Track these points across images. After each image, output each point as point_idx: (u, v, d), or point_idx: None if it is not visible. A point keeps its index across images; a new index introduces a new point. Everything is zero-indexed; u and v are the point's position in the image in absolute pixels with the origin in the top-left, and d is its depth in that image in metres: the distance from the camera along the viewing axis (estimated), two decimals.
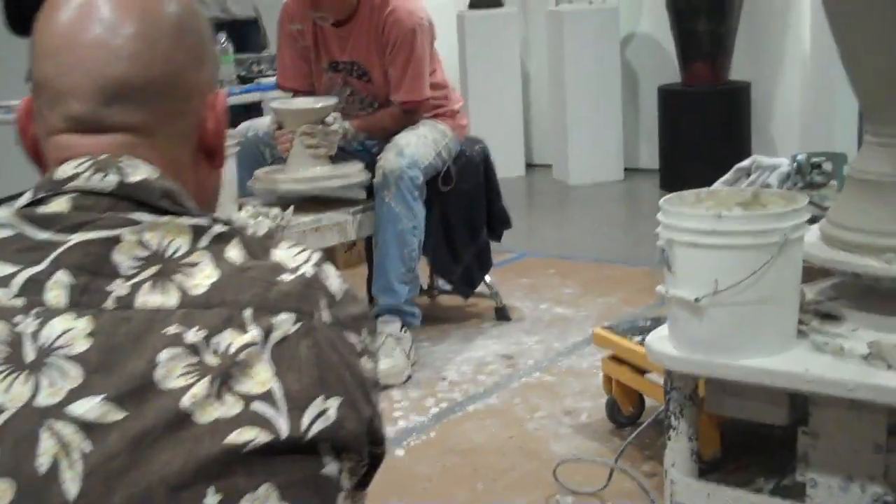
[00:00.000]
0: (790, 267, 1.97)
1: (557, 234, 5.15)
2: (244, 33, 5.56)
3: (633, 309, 3.71)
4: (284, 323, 0.81)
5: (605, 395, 2.79)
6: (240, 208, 3.05)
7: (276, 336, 0.80)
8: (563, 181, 6.15)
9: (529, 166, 6.57)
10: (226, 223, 0.87)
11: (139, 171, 0.86)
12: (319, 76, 3.50)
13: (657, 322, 2.46)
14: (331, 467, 0.80)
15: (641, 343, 2.41)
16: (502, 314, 3.72)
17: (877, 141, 2.14)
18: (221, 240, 0.85)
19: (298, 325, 0.81)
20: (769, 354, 1.97)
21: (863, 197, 2.15)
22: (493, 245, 3.75)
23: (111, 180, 0.85)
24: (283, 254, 0.87)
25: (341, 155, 3.47)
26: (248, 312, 0.80)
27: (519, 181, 6.30)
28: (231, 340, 0.79)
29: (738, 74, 5.76)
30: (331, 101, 3.26)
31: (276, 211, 3.01)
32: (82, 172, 0.85)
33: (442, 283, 3.82)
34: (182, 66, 0.90)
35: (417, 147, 3.28)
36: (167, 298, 0.80)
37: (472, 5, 6.41)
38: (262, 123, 3.51)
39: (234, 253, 0.84)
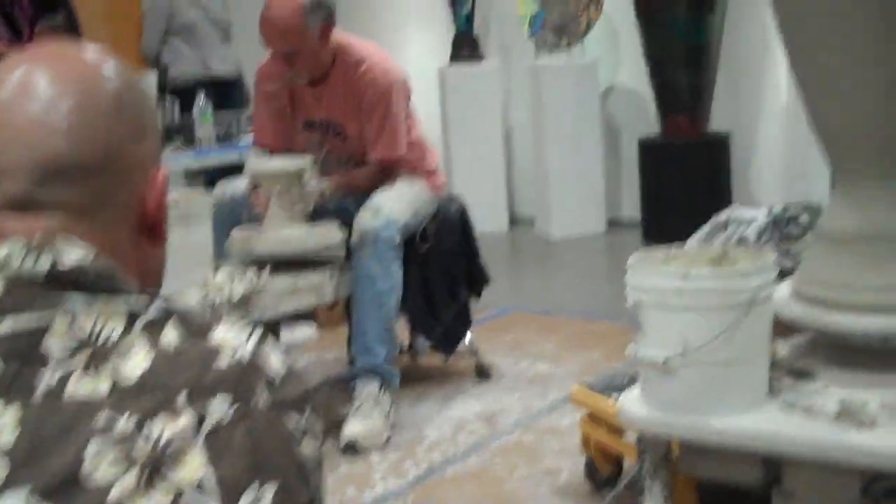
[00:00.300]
0: (759, 325, 1.96)
1: (540, 288, 5.14)
2: (226, 92, 5.61)
3: (615, 364, 3.69)
4: (219, 408, 0.79)
5: (584, 454, 2.76)
6: (216, 270, 3.03)
7: (210, 422, 0.78)
8: (546, 235, 6.16)
9: (512, 220, 6.58)
10: (164, 303, 0.85)
11: (74, 253, 0.84)
12: (296, 135, 3.51)
13: (634, 380, 2.44)
14: None
15: None
16: (483, 372, 3.70)
17: (844, 195, 2.15)
18: (157, 322, 0.83)
19: (234, 409, 0.79)
20: (740, 414, 1.96)
21: (832, 252, 2.15)
22: (475, 301, 3.74)
23: (44, 263, 0.83)
24: (222, 334, 0.85)
25: (318, 215, 3.47)
26: (181, 397, 0.78)
27: (502, 235, 6.31)
28: (163, 427, 0.77)
29: (717, 125, 5.80)
30: (306, 160, 3.27)
31: (251, 273, 3.00)
32: (15, 255, 0.83)
33: (422, 342, 3.80)
34: (121, 141, 0.89)
35: (394, 207, 3.28)
36: (99, 385, 0.78)
37: (454, 60, 6.46)
38: (239, 184, 3.51)
39: (170, 335, 0.82)
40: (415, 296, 3.45)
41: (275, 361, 0.85)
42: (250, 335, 0.85)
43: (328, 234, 3.27)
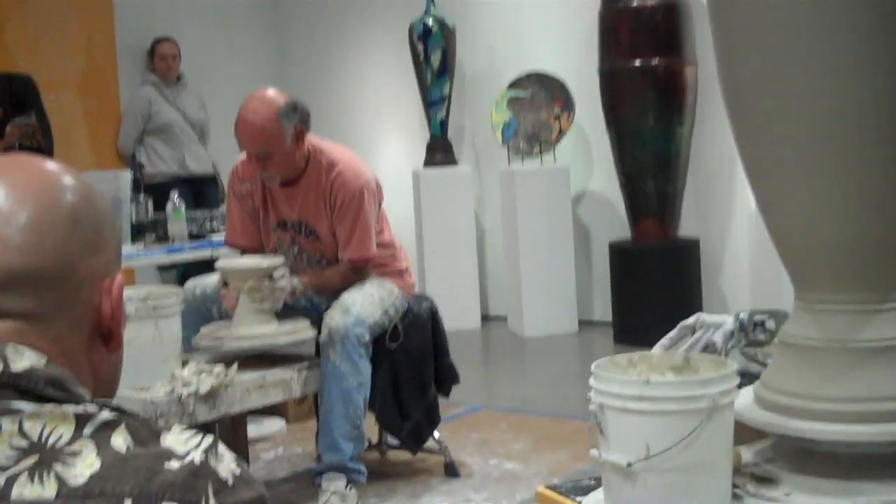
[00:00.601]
0: (721, 432, 1.99)
1: (511, 387, 5.15)
2: (202, 189, 5.68)
3: (583, 465, 3.68)
4: None
5: None
6: (183, 365, 3.04)
7: None
8: (517, 333, 6.19)
9: (485, 318, 6.62)
10: (114, 409, 0.86)
11: (24, 359, 0.85)
12: (268, 234, 3.56)
13: (601, 482, 2.45)
14: None
15: None
16: (451, 470, 3.69)
17: (803, 307, 2.20)
18: (107, 427, 0.83)
19: None
20: None
21: (793, 361, 2.20)
22: (445, 399, 3.75)
23: None
24: (173, 439, 0.86)
25: (288, 311, 3.50)
26: (127, 503, 0.79)
27: (474, 333, 6.33)
28: None
29: (686, 231, 5.90)
30: (277, 259, 3.30)
31: (219, 368, 3.01)
32: None
33: (391, 438, 3.80)
34: (74, 255, 0.90)
35: (364, 305, 3.31)
36: (45, 490, 0.79)
37: (428, 164, 6.56)
38: (209, 281, 3.54)
39: (119, 440, 0.83)
40: (383, 393, 3.46)
41: (224, 467, 0.86)
42: (200, 442, 0.86)
43: (298, 330, 3.29)
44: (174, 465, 0.83)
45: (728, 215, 5.91)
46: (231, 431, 3.63)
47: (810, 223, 2.10)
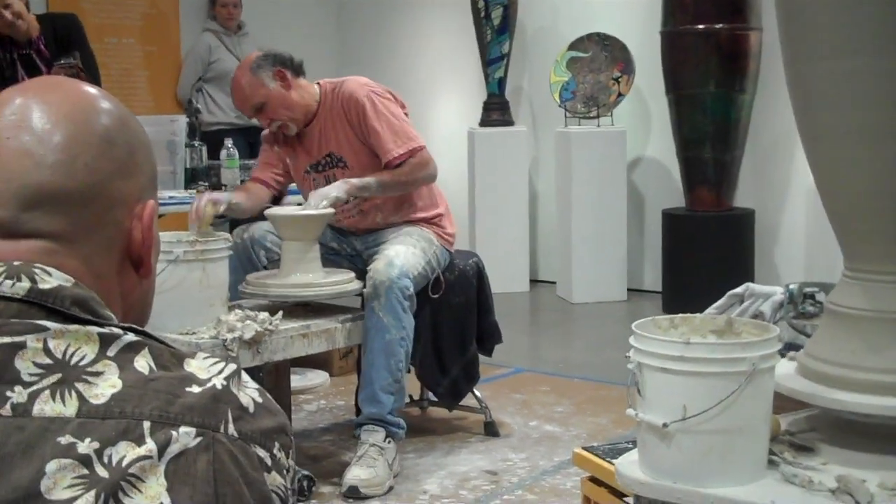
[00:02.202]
0: (760, 396, 1.96)
1: (556, 351, 5.14)
2: (257, 139, 5.68)
3: (624, 431, 3.68)
4: (184, 437, 0.80)
5: None
6: (229, 310, 3.07)
7: (173, 450, 0.79)
8: (566, 299, 6.17)
9: (533, 282, 6.60)
10: (139, 333, 0.86)
11: (52, 279, 0.86)
12: (303, 181, 3.60)
13: (637, 445, 2.44)
14: None
15: None
16: (491, 429, 3.70)
17: (852, 275, 2.15)
18: (131, 349, 0.84)
19: (199, 439, 0.80)
20: (737, 484, 1.95)
21: (838, 330, 2.16)
22: (489, 359, 3.75)
23: (22, 286, 0.84)
24: (196, 364, 0.86)
25: (334, 261, 3.51)
26: (146, 425, 0.79)
27: (522, 296, 6.32)
28: (125, 453, 0.78)
29: (742, 202, 5.82)
30: (326, 210, 3.29)
31: (264, 315, 3.03)
32: None
33: (431, 394, 3.81)
34: (106, 176, 0.91)
35: (407, 257, 3.31)
36: (66, 408, 0.79)
37: (484, 123, 6.53)
38: (258, 227, 3.57)
39: (142, 363, 0.83)
40: (423, 346, 3.47)
41: (246, 394, 0.86)
42: (223, 368, 0.86)
43: (343, 281, 3.30)
44: (195, 389, 0.83)
45: (786, 187, 5.82)
46: (274, 380, 3.66)
47: (863, 189, 2.05)
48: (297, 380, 4.21)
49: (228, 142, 4.30)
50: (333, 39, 7.51)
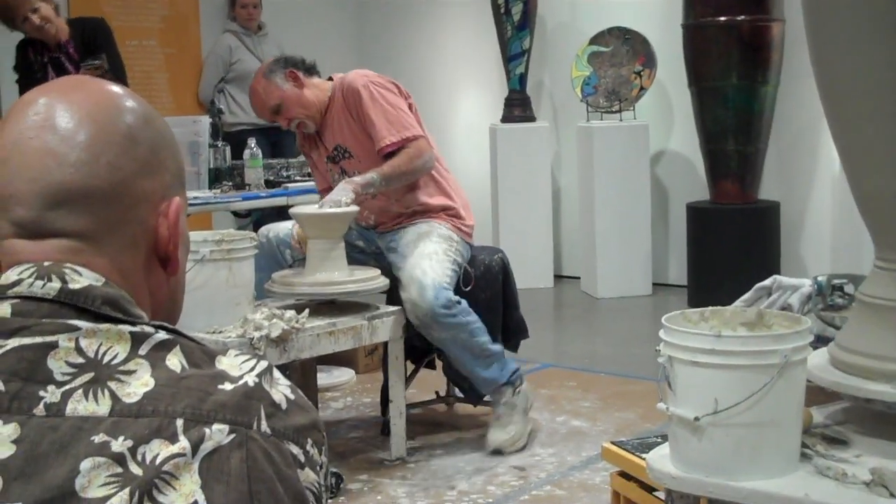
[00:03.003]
0: (792, 389, 1.94)
1: (582, 346, 5.12)
2: (279, 139, 5.71)
3: (651, 425, 3.66)
4: (217, 434, 0.80)
5: None
6: (256, 309, 3.07)
7: (206, 447, 0.79)
8: (590, 294, 6.15)
9: (558, 277, 6.59)
10: (170, 331, 0.86)
11: (82, 278, 0.87)
12: (325, 174, 3.68)
13: (667, 440, 2.43)
14: None
15: None
16: None
17: (884, 266, 2.13)
18: (162, 347, 0.84)
19: (232, 436, 0.80)
20: (770, 477, 1.94)
21: (871, 321, 2.14)
22: (515, 355, 3.74)
23: (53, 286, 0.85)
24: (228, 362, 0.86)
25: (360, 260, 3.52)
26: (179, 423, 0.80)
27: (546, 292, 6.31)
28: (158, 451, 0.78)
29: (767, 194, 5.78)
30: (351, 208, 3.29)
31: (290, 313, 3.03)
32: (25, 279, 0.86)
33: (458, 390, 3.81)
34: (129, 174, 0.91)
35: (434, 269, 3.33)
36: (99, 406, 0.80)
37: (506, 118, 6.52)
38: (283, 227, 3.59)
39: (174, 361, 0.84)
40: None
41: (278, 391, 0.86)
42: (255, 366, 0.87)
43: (369, 279, 3.30)
44: (227, 386, 0.83)
45: (811, 179, 5.78)
46: (301, 377, 3.67)
47: (894, 178, 2.03)
48: (324, 377, 4.22)
49: (251, 141, 4.31)
50: (353, 38, 7.52)
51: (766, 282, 3.01)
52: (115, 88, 0.95)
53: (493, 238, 6.37)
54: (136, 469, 0.77)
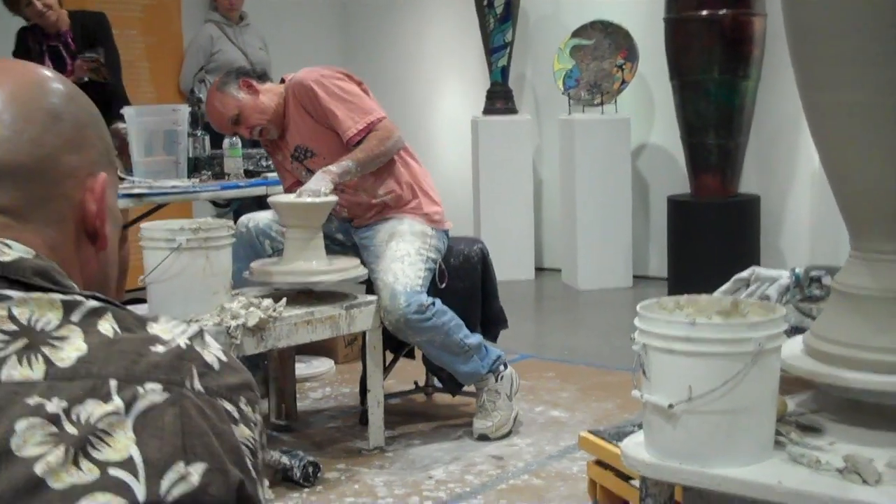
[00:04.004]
0: (766, 377, 1.95)
1: (562, 337, 5.13)
2: None
3: (629, 415, 3.67)
4: (151, 393, 0.82)
5: (591, 499, 2.75)
6: (233, 297, 3.06)
7: (140, 405, 0.81)
8: (571, 286, 6.16)
9: (539, 269, 6.59)
10: (103, 300, 0.88)
11: (12, 251, 0.88)
12: (285, 174, 3.70)
13: (641, 426, 2.43)
14: None
15: None
16: None
17: (859, 255, 2.14)
18: (94, 314, 0.86)
19: (166, 395, 0.82)
20: (743, 464, 1.94)
21: (846, 310, 2.15)
22: (494, 346, 3.74)
23: None
24: (159, 327, 0.88)
25: (340, 252, 3.51)
26: (113, 383, 0.81)
27: (528, 284, 6.32)
28: (93, 411, 0.80)
29: (747, 188, 5.80)
30: (329, 197, 3.29)
31: (268, 302, 3.03)
32: None
33: (437, 381, 3.81)
34: (53, 151, 0.93)
35: (406, 273, 3.33)
36: (33, 372, 0.81)
37: (487, 111, 6.52)
38: (263, 216, 3.58)
39: (106, 326, 0.85)
40: None
41: (210, 353, 0.88)
42: (187, 329, 0.89)
43: (347, 269, 3.30)
44: (160, 349, 0.85)
45: (791, 173, 5.80)
46: (279, 367, 3.67)
47: (869, 168, 2.04)
48: (303, 367, 4.21)
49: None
50: (337, 28, 7.50)
51: (745, 273, 3.02)
52: (42, 71, 0.98)
53: (474, 230, 6.37)
54: (70, 428, 0.79)
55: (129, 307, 0.92)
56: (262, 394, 3.76)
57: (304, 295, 3.28)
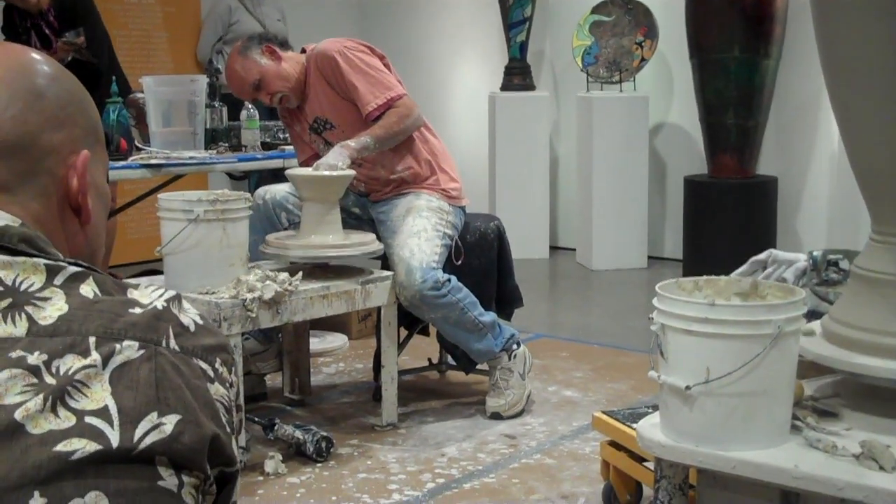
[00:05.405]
0: (784, 360, 1.94)
1: (576, 317, 5.12)
2: None
3: (643, 396, 3.67)
4: (127, 349, 0.87)
5: (604, 480, 2.74)
6: (249, 270, 3.06)
7: (116, 360, 0.86)
8: (586, 265, 6.15)
9: (553, 248, 6.58)
10: (85, 266, 0.92)
11: (0, 218, 0.93)
12: (304, 147, 3.68)
13: (658, 409, 2.42)
14: (169, 481, 0.85)
15: None
16: None
17: (880, 239, 2.12)
18: (76, 278, 0.91)
19: (142, 351, 0.87)
20: (759, 448, 1.93)
21: (865, 295, 2.13)
22: (509, 325, 3.73)
23: None
24: (138, 293, 0.93)
25: (357, 226, 3.50)
26: (91, 340, 0.86)
27: (542, 263, 6.30)
28: (71, 364, 0.85)
29: (765, 169, 5.77)
30: (347, 172, 3.28)
31: (284, 276, 3.02)
32: None
33: (450, 358, 3.81)
34: (35, 128, 0.97)
35: (422, 249, 3.32)
36: (16, 328, 0.86)
37: (505, 87, 6.48)
38: (279, 188, 3.57)
39: (87, 289, 0.90)
40: None
41: (187, 315, 0.94)
42: (164, 293, 0.94)
43: (364, 243, 3.29)
44: (137, 310, 0.90)
45: (809, 154, 5.76)
46: (293, 341, 3.67)
47: (891, 147, 2.01)
48: (317, 342, 4.21)
49: (249, 104, 4.27)
50: (354, 2, 7.46)
51: (762, 255, 3.00)
52: (29, 53, 1.02)
53: (489, 207, 6.35)
54: (49, 379, 0.84)
55: (145, 278, 0.95)
56: (276, 368, 3.77)
57: (320, 269, 3.27)
